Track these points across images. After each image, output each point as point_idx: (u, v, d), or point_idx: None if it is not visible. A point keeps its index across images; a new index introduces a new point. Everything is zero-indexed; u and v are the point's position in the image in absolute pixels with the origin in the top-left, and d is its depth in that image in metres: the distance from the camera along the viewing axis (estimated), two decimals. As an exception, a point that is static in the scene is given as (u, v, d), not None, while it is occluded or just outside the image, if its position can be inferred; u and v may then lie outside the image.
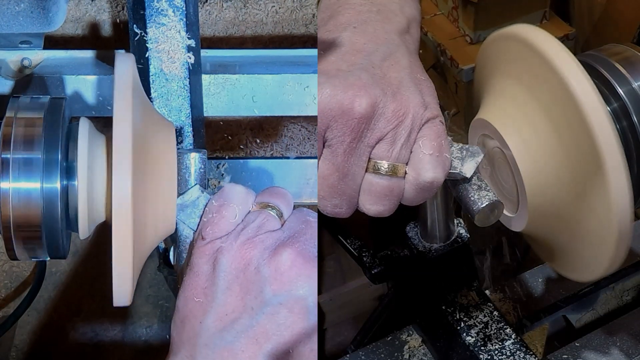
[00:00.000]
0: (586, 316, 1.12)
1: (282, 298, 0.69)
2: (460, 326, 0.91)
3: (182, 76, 0.89)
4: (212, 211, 0.72)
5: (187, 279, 0.71)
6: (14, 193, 0.70)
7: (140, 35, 0.87)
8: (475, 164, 0.76)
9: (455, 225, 0.92)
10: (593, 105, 0.67)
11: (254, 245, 0.70)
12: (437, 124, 0.72)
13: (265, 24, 1.21)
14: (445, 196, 0.87)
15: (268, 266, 0.69)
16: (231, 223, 0.72)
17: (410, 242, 0.93)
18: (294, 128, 1.31)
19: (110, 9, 1.16)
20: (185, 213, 0.74)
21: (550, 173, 0.73)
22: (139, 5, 0.87)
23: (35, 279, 1.21)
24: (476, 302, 0.93)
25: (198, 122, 0.91)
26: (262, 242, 0.70)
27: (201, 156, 0.75)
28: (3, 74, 0.97)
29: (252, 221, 0.71)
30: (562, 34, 1.24)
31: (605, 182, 0.67)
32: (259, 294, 0.69)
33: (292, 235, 0.71)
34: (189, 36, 0.88)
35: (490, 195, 0.76)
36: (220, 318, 0.69)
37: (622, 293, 1.14)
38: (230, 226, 0.71)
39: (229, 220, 0.71)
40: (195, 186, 0.74)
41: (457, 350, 0.91)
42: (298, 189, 1.05)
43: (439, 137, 0.72)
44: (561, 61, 0.69)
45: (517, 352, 0.88)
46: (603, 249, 0.72)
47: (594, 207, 0.70)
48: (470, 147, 0.76)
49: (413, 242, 0.92)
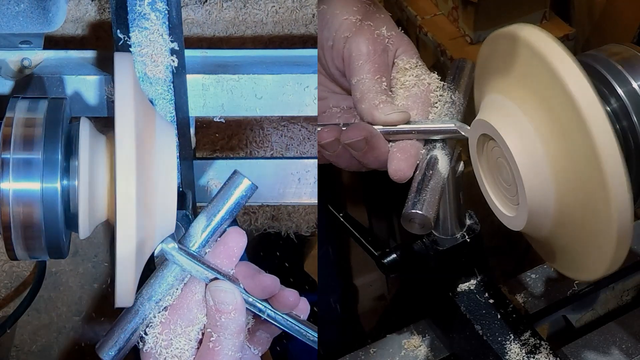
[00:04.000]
0: (586, 316, 1.12)
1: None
2: (473, 317, 0.91)
3: (166, 79, 0.89)
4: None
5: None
6: (14, 193, 0.70)
7: (124, 39, 0.87)
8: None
9: (466, 218, 0.92)
10: (591, 106, 0.67)
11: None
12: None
13: (265, 24, 1.21)
14: (456, 189, 0.88)
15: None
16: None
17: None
18: (294, 128, 1.31)
19: (110, 9, 1.16)
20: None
21: (550, 173, 0.73)
22: (122, 10, 0.86)
23: (35, 279, 1.21)
24: (489, 293, 0.93)
25: (183, 124, 0.91)
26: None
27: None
28: (3, 74, 0.96)
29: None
30: (562, 34, 1.24)
31: (605, 182, 0.67)
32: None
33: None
34: (172, 39, 0.88)
35: (426, 207, 0.78)
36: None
37: (622, 293, 1.14)
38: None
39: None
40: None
41: (470, 341, 0.91)
42: (297, 189, 1.05)
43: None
44: (560, 61, 0.69)
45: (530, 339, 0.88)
46: (603, 249, 0.72)
47: (594, 207, 0.70)
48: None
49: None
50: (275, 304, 0.78)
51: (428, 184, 0.80)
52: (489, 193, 0.82)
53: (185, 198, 0.90)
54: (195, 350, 0.76)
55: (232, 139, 1.30)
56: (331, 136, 0.83)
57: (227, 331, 0.75)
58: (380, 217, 1.32)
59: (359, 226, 1.01)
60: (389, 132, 0.83)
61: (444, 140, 0.84)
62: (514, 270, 1.12)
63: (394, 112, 0.82)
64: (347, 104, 0.89)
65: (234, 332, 0.75)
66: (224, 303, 0.75)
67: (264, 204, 1.37)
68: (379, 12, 0.87)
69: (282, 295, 0.78)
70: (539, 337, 0.89)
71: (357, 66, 0.84)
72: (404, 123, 0.83)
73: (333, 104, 0.90)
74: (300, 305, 0.79)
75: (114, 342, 0.77)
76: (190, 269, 0.76)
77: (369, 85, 0.83)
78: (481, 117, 0.78)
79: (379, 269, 0.96)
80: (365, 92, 0.83)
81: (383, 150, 0.83)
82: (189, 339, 0.76)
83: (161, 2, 0.86)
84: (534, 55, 0.71)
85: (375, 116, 0.82)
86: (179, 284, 0.77)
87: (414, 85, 0.86)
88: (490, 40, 0.79)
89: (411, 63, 0.87)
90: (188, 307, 0.76)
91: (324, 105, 0.90)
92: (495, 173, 0.80)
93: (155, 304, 0.76)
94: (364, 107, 0.83)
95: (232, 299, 0.75)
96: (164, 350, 0.75)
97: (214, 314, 0.75)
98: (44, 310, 1.39)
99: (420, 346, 0.99)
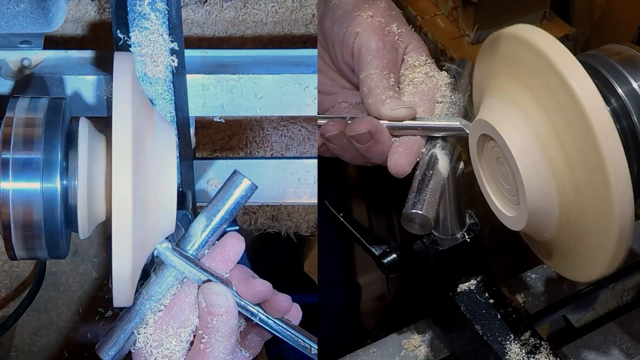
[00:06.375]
0: (586, 316, 1.12)
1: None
2: (473, 317, 0.91)
3: (166, 79, 0.89)
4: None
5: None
6: (14, 193, 0.70)
7: (124, 39, 0.87)
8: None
9: (466, 218, 0.92)
10: (594, 106, 0.67)
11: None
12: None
13: (265, 24, 1.21)
14: (456, 189, 0.88)
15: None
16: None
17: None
18: (294, 128, 1.31)
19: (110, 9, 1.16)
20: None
21: (550, 173, 0.73)
22: (122, 10, 0.86)
23: (35, 279, 1.21)
24: (489, 293, 0.93)
25: (183, 124, 0.91)
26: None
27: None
28: (3, 74, 0.96)
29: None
30: (562, 34, 1.24)
31: (605, 182, 0.67)
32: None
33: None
34: (172, 39, 0.88)
35: (426, 207, 0.78)
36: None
37: (622, 293, 1.14)
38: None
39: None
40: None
41: (470, 341, 0.91)
42: (297, 189, 1.05)
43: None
44: (561, 61, 0.69)
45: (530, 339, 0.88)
46: (603, 249, 0.72)
47: (594, 207, 0.70)
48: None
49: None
50: (267, 309, 0.78)
51: (428, 184, 0.80)
52: (489, 193, 0.82)
53: (185, 198, 0.90)
54: (186, 351, 0.76)
55: (232, 139, 1.30)
56: (336, 129, 0.83)
57: (219, 333, 0.75)
58: (381, 217, 1.32)
59: (359, 226, 1.01)
60: (394, 127, 0.83)
61: (445, 140, 0.84)
62: (514, 270, 1.12)
63: (400, 107, 0.82)
64: (355, 99, 0.89)
65: (225, 334, 0.75)
66: (216, 305, 0.75)
67: (264, 204, 1.37)
68: (390, 9, 0.87)
69: (274, 300, 0.78)
70: (539, 337, 0.89)
71: (366, 61, 0.84)
72: (410, 119, 0.83)
73: (342, 99, 0.90)
74: (292, 311, 0.80)
75: (114, 342, 0.77)
76: (184, 270, 0.76)
77: (376, 81, 0.83)
78: (481, 117, 0.78)
79: (379, 269, 0.96)
80: (372, 87, 0.83)
81: (387, 145, 0.83)
82: (180, 340, 0.76)
83: (161, 2, 0.86)
84: (535, 55, 0.71)
85: (382, 111, 0.82)
86: (178, 284, 0.77)
87: (422, 82, 0.86)
88: (490, 41, 0.79)
89: (420, 60, 0.87)
90: (180, 309, 0.76)
91: (333, 100, 0.91)
92: (495, 173, 0.80)
93: (155, 304, 0.76)
94: (370, 102, 0.83)
95: (224, 301, 0.75)
96: (154, 350, 0.75)
97: (206, 316, 0.75)
98: (44, 310, 1.39)
99: (420, 346, 0.99)
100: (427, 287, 0.98)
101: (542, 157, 0.73)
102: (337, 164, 0.95)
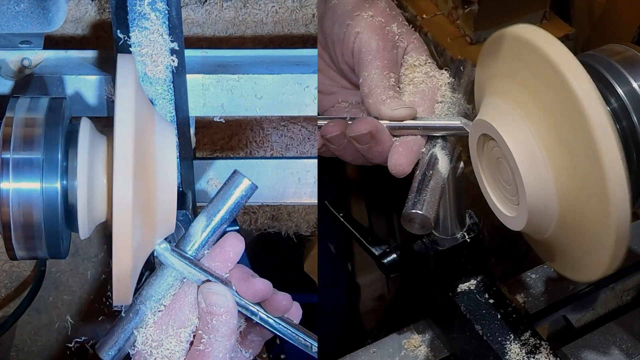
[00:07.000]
0: (586, 316, 1.12)
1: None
2: (473, 317, 0.91)
3: (166, 79, 0.89)
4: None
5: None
6: (14, 193, 0.70)
7: (124, 39, 0.87)
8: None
9: (466, 218, 0.92)
10: (593, 106, 0.67)
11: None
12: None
13: (265, 24, 1.21)
14: (456, 189, 0.88)
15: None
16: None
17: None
18: (294, 128, 1.31)
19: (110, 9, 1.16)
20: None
21: (550, 173, 0.73)
22: (122, 10, 0.86)
23: (35, 279, 1.21)
24: (489, 293, 0.93)
25: (183, 124, 0.91)
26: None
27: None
28: (3, 74, 0.97)
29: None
30: (562, 34, 1.24)
31: (604, 182, 0.67)
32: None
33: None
34: (172, 39, 0.88)
35: (426, 207, 0.78)
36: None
37: (622, 293, 1.14)
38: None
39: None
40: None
41: (470, 341, 0.91)
42: (297, 189, 1.05)
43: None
44: (562, 61, 0.69)
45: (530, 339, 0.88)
46: (603, 249, 0.72)
47: (593, 207, 0.70)
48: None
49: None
50: (267, 308, 0.78)
51: (428, 184, 0.80)
52: (489, 193, 0.82)
53: (185, 198, 0.90)
54: (186, 351, 0.76)
55: (232, 139, 1.30)
56: (337, 130, 0.84)
57: (218, 333, 0.75)
58: (381, 217, 1.32)
59: (359, 226, 1.01)
60: (395, 127, 0.83)
61: (445, 140, 0.84)
62: (514, 270, 1.12)
63: (401, 107, 0.82)
64: (355, 99, 0.89)
65: (225, 334, 0.75)
66: (215, 305, 0.75)
67: (264, 204, 1.37)
68: (390, 9, 0.87)
69: (274, 299, 0.78)
70: (539, 337, 0.89)
71: (366, 61, 0.84)
72: (410, 119, 0.83)
73: (342, 98, 0.90)
74: (293, 310, 0.80)
75: (114, 342, 0.77)
76: (183, 270, 0.76)
77: (376, 81, 0.84)
78: (481, 117, 0.78)
79: (379, 269, 0.96)
80: (373, 87, 0.83)
81: (388, 145, 0.83)
82: (180, 340, 0.76)
83: (161, 2, 0.87)
84: (535, 55, 0.71)
85: (382, 111, 0.82)
86: (178, 284, 0.77)
87: (422, 82, 0.86)
88: (490, 41, 0.79)
89: (420, 60, 0.87)
90: (180, 309, 0.76)
91: (333, 99, 0.91)
92: (495, 173, 0.80)
93: (155, 304, 0.76)
94: (371, 102, 0.83)
95: (224, 301, 0.75)
96: (154, 350, 0.75)
97: (206, 316, 0.75)
98: (44, 310, 1.39)
99: (420, 346, 0.99)
100: (427, 287, 0.98)
101: (542, 157, 0.73)
102: (337, 164, 0.95)
